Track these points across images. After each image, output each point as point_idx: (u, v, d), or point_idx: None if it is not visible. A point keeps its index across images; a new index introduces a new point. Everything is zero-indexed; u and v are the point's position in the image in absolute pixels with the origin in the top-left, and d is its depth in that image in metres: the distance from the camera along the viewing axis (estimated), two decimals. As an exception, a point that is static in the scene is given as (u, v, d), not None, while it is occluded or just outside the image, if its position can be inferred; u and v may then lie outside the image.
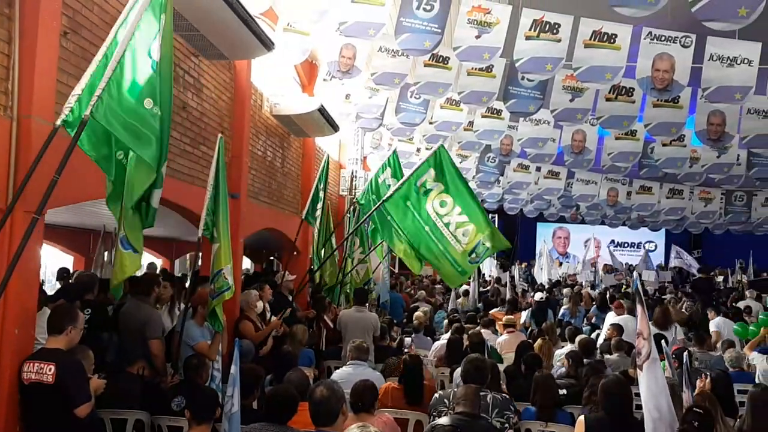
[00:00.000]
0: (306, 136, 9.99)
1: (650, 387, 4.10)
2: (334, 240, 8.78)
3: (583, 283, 18.07)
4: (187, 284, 6.85)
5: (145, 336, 4.98)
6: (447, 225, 5.82)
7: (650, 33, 6.27)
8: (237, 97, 7.47)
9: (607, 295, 12.27)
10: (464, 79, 7.85)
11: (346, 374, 5.50)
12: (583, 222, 20.03)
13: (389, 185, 7.70)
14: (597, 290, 15.43)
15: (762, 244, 21.12)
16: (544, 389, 5.04)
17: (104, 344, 5.02)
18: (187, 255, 14.30)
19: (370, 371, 5.71)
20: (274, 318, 6.97)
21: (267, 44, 6.28)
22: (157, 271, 10.09)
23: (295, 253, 9.26)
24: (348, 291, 9.23)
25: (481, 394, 4.48)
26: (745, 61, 6.23)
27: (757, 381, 6.89)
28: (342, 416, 3.46)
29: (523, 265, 23.38)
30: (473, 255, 5.80)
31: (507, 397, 4.72)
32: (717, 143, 8.05)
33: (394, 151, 8.67)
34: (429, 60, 7.78)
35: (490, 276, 19.35)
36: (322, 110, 8.77)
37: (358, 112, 9.66)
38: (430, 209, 5.87)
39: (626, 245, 25.96)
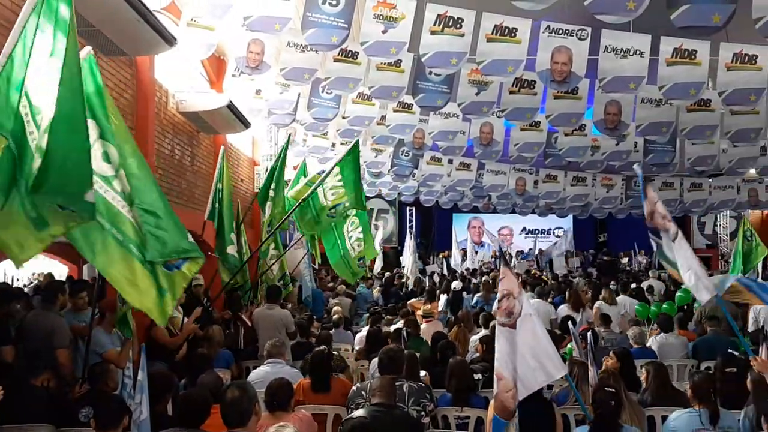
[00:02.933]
0: (216, 133, 9.79)
1: (526, 341, 4.24)
2: (244, 239, 8.63)
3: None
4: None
5: (52, 345, 4.76)
6: (350, 238, 6.23)
7: (548, 27, 6.52)
8: (140, 95, 7.22)
9: (519, 281, 12.69)
10: (374, 74, 7.89)
11: (263, 373, 5.47)
12: (495, 211, 20.63)
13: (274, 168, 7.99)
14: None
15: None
16: (459, 375, 5.16)
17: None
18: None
19: (288, 369, 5.69)
20: (186, 320, 6.79)
21: (169, 40, 6.12)
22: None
23: (209, 253, 9.04)
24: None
25: (397, 383, 4.56)
26: (638, 52, 6.58)
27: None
28: (255, 416, 3.44)
29: (440, 255, 23.87)
30: (332, 210, 6.23)
31: (423, 385, 4.82)
32: (614, 132, 8.47)
33: (287, 138, 8.84)
34: (338, 55, 7.78)
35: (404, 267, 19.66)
36: (231, 106, 8.61)
37: (270, 108, 9.54)
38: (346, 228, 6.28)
39: (537, 232, 26.91)
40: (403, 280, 16.23)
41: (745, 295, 5.04)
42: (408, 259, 20.12)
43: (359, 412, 4.01)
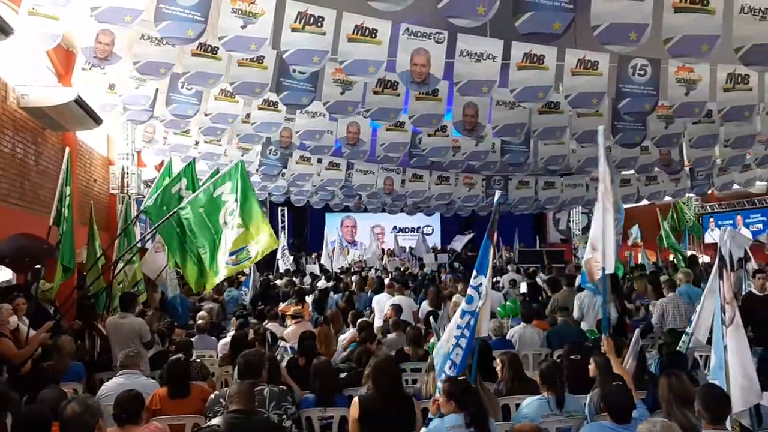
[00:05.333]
0: (64, 130, 9.11)
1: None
2: (98, 243, 8.11)
3: (372, 269, 18.90)
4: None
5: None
6: (225, 224, 5.94)
7: (408, 29, 6.65)
8: (-28, 88, 6.56)
9: (389, 278, 12.97)
10: (235, 70, 7.68)
11: (116, 385, 5.18)
12: (366, 210, 20.86)
13: (182, 196, 7.42)
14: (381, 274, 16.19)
15: (523, 222, 23.74)
16: (321, 375, 5.14)
17: None
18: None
19: (143, 380, 5.42)
20: (33, 332, 6.27)
21: (4, 29, 5.60)
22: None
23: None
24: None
25: (257, 388, 4.46)
26: (490, 56, 6.87)
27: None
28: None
29: (313, 256, 23.78)
30: (233, 257, 5.91)
31: (285, 388, 4.74)
32: (472, 133, 8.81)
33: (192, 162, 8.33)
34: (197, 49, 7.49)
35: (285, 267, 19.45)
36: (80, 101, 8.04)
37: (125, 103, 9.02)
38: (221, 219, 5.96)
39: (407, 230, 27.53)
40: (276, 282, 16.00)
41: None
42: (282, 260, 19.95)
43: (215, 420, 3.88)
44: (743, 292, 7.69)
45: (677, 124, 9.16)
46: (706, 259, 15.96)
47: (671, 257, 13.93)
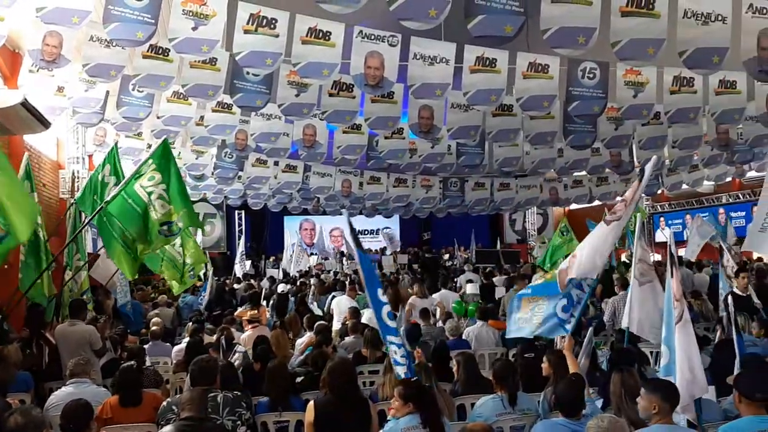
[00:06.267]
0: (10, 133, 8.82)
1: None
2: (47, 248, 7.88)
3: (332, 272, 18.82)
4: None
5: None
6: (150, 194, 5.82)
7: (361, 32, 6.65)
8: None
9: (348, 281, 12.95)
10: (188, 72, 7.57)
11: (66, 395, 5.07)
12: (324, 213, 20.77)
13: (107, 183, 7.26)
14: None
15: (479, 223, 24.00)
16: (277, 379, 5.11)
17: None
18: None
19: (93, 388, 5.31)
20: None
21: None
22: None
23: (5, 266, 8.14)
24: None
25: (210, 395, 4.40)
26: (444, 60, 6.93)
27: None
28: (41, 444, 3.13)
29: (271, 259, 23.59)
30: (164, 227, 5.90)
31: (239, 394, 4.69)
32: (428, 135, 8.87)
33: (114, 146, 8.12)
34: (148, 51, 7.38)
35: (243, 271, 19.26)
36: (26, 104, 7.78)
37: (74, 106, 8.83)
38: (139, 188, 5.83)
39: (366, 232, 27.52)
40: (235, 287, 15.82)
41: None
42: (238, 265, 19.73)
43: (166, 429, 3.81)
44: (725, 290, 7.67)
45: (627, 126, 9.39)
46: (657, 257, 16.38)
47: (623, 256, 14.24)
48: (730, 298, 6.64)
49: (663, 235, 20.33)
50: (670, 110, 7.99)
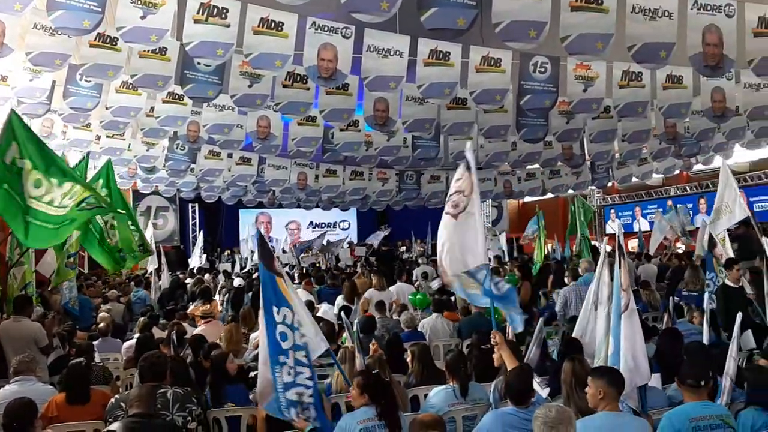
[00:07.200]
0: (-51, 124, 8.48)
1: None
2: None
3: (288, 266, 18.68)
4: None
5: None
6: (50, 203, 5.47)
7: (314, 23, 6.59)
8: None
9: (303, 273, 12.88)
10: (136, 62, 7.39)
11: (10, 393, 4.90)
12: (281, 206, 20.62)
13: None
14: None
15: (436, 215, 24.07)
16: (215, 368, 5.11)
17: None
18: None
19: (38, 386, 5.16)
20: None
21: None
22: None
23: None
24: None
25: (161, 391, 4.34)
26: (398, 52, 6.92)
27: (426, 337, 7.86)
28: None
29: (226, 253, 23.30)
30: (83, 204, 5.46)
31: (190, 390, 4.63)
32: (384, 128, 8.86)
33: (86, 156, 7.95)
34: (95, 40, 7.16)
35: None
36: (-34, 94, 7.51)
37: (18, 96, 8.50)
38: (27, 195, 5.49)
39: (323, 225, 27.42)
40: (186, 282, 15.55)
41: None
42: (196, 258, 19.43)
43: (114, 426, 3.74)
44: (713, 280, 7.59)
45: (578, 120, 9.54)
46: (608, 248, 16.73)
47: (574, 247, 14.53)
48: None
49: (611, 227, 20.82)
50: (619, 104, 8.14)
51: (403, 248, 22.99)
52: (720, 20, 6.46)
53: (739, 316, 4.94)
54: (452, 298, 9.29)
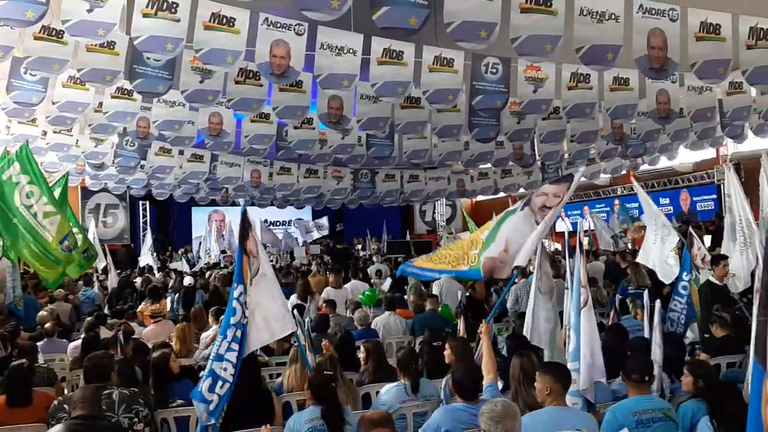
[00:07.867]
0: None
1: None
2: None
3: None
4: None
5: None
6: (35, 215, 5.54)
7: (266, 19, 6.51)
8: None
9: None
10: (83, 56, 7.18)
11: (-53, 397, 4.74)
12: (234, 204, 20.35)
13: (16, 182, 6.88)
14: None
15: (391, 214, 24.25)
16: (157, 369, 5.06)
17: None
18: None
19: (-25, 391, 4.99)
20: None
21: None
22: None
23: None
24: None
25: (106, 392, 4.25)
26: (351, 51, 6.90)
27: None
28: None
29: (179, 252, 22.93)
30: (65, 243, 5.62)
31: (136, 390, 4.55)
32: (338, 126, 8.83)
33: (24, 146, 7.67)
34: (40, 32, 6.92)
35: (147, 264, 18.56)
36: None
37: (-42, 90, 8.21)
38: (17, 200, 5.53)
39: (278, 224, 27.21)
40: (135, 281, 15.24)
41: None
42: (146, 257, 19.04)
43: (56, 428, 3.64)
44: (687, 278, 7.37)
45: (528, 120, 9.71)
46: (557, 246, 17.12)
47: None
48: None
49: (564, 224, 21.23)
50: (567, 105, 8.31)
51: (359, 246, 23.02)
52: (664, 24, 6.65)
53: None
54: (405, 297, 9.38)
